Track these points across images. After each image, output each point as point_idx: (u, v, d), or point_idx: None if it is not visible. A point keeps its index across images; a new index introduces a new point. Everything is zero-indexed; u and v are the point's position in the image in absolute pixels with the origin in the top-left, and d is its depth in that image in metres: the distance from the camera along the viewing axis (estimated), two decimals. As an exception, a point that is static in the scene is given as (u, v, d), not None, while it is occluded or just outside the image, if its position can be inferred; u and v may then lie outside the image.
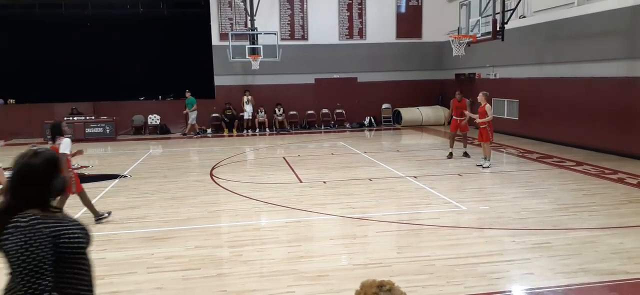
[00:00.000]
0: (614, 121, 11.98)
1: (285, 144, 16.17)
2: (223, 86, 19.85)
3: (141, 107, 19.93)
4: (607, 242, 5.89)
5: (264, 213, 7.78)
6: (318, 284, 4.89)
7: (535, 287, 4.78)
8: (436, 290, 4.71)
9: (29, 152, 2.20)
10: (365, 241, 6.26)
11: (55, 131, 6.84)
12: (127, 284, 4.95)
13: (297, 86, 20.28)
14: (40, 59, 19.77)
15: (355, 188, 9.16)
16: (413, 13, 20.74)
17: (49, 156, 2.22)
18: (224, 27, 19.52)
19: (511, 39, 14.58)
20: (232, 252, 5.91)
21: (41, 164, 2.17)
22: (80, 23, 19.68)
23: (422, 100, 20.88)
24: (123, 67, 20.43)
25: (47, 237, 2.04)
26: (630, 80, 11.50)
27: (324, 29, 20.07)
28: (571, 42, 13.35)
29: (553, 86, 14.17)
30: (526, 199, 8.00)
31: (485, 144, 10.79)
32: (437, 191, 8.74)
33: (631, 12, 11.38)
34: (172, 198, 8.69)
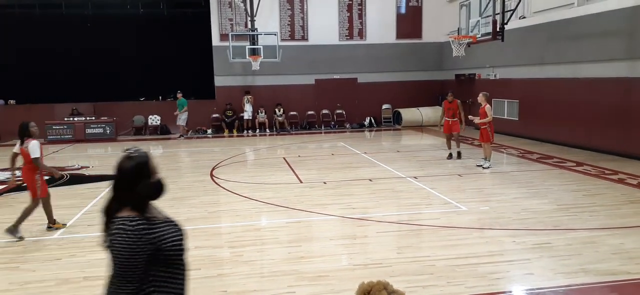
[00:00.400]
0: (614, 122, 11.98)
1: (286, 145, 16.18)
2: (223, 87, 19.86)
3: (141, 108, 19.93)
4: (607, 242, 5.89)
5: (264, 213, 7.78)
6: (318, 285, 4.89)
7: (536, 287, 4.78)
8: (437, 290, 4.71)
9: (125, 154, 2.28)
10: (366, 241, 6.26)
11: (23, 133, 6.67)
12: (128, 285, 4.94)
13: (297, 87, 20.28)
14: (40, 59, 19.75)
15: (355, 188, 9.16)
16: (413, 14, 20.74)
17: (139, 160, 2.26)
18: (224, 27, 19.53)
19: (511, 40, 14.58)
20: (233, 252, 5.91)
21: (131, 167, 2.23)
22: (80, 23, 19.68)
23: (422, 100, 20.88)
24: (123, 67, 20.44)
25: (148, 243, 2.14)
26: (630, 81, 11.50)
27: (324, 30, 20.07)
28: (571, 43, 13.35)
29: (553, 87, 14.17)
30: (526, 200, 8.00)
31: (486, 144, 10.79)
32: (437, 191, 8.74)
33: (631, 12, 11.39)
34: (172, 198, 8.67)
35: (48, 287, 4.95)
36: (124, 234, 2.12)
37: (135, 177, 2.22)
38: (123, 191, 2.22)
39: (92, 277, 5.15)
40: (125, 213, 2.18)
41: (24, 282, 5.07)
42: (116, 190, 2.24)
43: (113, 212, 2.22)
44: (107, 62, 20.21)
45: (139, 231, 2.12)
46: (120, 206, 2.21)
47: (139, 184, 2.22)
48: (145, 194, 2.24)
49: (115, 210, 2.21)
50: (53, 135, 17.76)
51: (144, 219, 2.18)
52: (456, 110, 11.79)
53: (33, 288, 4.94)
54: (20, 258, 5.79)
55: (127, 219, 2.15)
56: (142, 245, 2.12)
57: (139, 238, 2.11)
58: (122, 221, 2.15)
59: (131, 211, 2.19)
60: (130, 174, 2.22)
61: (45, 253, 5.93)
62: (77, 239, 6.47)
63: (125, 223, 2.14)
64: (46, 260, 5.69)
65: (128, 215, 2.17)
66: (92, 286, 4.92)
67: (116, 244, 2.12)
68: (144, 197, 2.23)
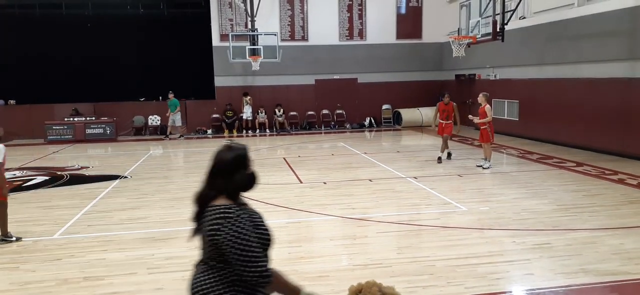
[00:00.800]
0: (614, 122, 11.98)
1: (286, 145, 16.18)
2: (223, 87, 19.86)
3: (141, 108, 19.94)
4: (607, 242, 5.89)
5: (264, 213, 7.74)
6: (318, 285, 4.88)
7: (536, 287, 4.78)
8: (436, 290, 4.71)
9: (224, 146, 2.39)
10: (366, 242, 6.26)
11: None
12: (128, 285, 4.95)
13: (298, 87, 20.28)
14: (40, 59, 19.74)
15: (355, 189, 9.16)
16: (413, 14, 20.75)
17: (239, 152, 2.36)
18: (224, 27, 19.53)
19: (511, 40, 14.59)
20: (233, 252, 5.90)
21: (230, 158, 2.33)
22: (80, 23, 19.68)
23: (422, 101, 20.87)
24: (123, 67, 20.41)
25: (251, 224, 2.25)
26: (630, 81, 11.50)
27: (324, 30, 20.07)
28: (571, 43, 13.35)
29: (553, 87, 14.17)
30: (526, 200, 8.00)
31: (486, 144, 10.79)
32: (437, 192, 8.74)
33: (631, 12, 11.39)
34: (173, 199, 8.69)
35: (48, 287, 4.95)
36: (227, 221, 2.18)
37: (233, 167, 2.32)
38: (221, 180, 2.30)
39: (91, 277, 5.15)
40: (221, 201, 2.26)
41: (24, 282, 5.07)
42: (213, 179, 2.32)
43: (208, 200, 2.29)
44: (107, 63, 20.19)
45: (239, 216, 2.21)
46: (215, 195, 2.28)
47: (237, 174, 2.31)
48: (242, 184, 2.34)
49: (211, 199, 2.28)
50: (53, 135, 17.77)
51: (240, 206, 2.28)
52: (451, 113, 11.59)
53: (33, 288, 4.94)
54: (20, 258, 5.79)
55: (227, 207, 2.23)
56: (246, 227, 2.20)
57: (243, 223, 2.20)
58: (221, 210, 2.22)
59: (227, 200, 2.27)
60: (229, 164, 2.32)
61: (45, 253, 5.93)
62: (77, 239, 6.47)
63: (226, 211, 2.21)
64: (46, 260, 5.69)
65: (225, 203, 2.25)
66: (92, 286, 4.92)
67: (223, 234, 2.17)
68: (239, 187, 2.33)
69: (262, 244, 2.28)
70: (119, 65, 20.33)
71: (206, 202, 2.29)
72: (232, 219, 2.19)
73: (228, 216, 2.19)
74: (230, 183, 2.30)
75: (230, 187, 2.30)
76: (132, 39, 20.28)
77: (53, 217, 7.56)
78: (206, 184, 2.35)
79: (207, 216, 2.24)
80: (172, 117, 18.28)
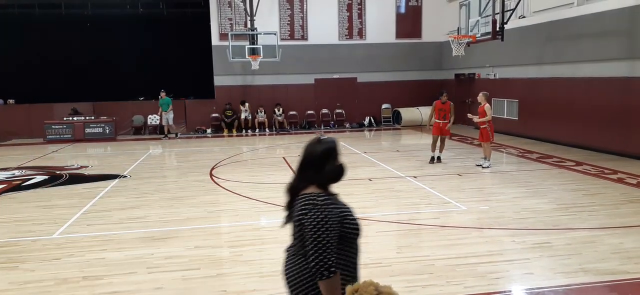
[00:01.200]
0: (614, 121, 11.99)
1: (285, 144, 16.17)
2: (223, 86, 19.85)
3: (141, 108, 19.93)
4: (607, 242, 5.89)
5: (263, 213, 7.77)
6: (318, 284, 4.88)
7: (535, 287, 4.78)
8: (436, 290, 4.70)
9: (315, 139, 2.49)
10: (365, 241, 6.18)
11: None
12: (127, 284, 4.95)
13: (297, 86, 20.28)
14: (40, 59, 19.74)
15: (354, 188, 9.14)
16: (413, 13, 20.74)
17: (328, 145, 2.44)
18: (223, 27, 19.52)
19: (511, 39, 14.58)
20: (232, 252, 5.91)
21: (321, 150, 2.41)
22: (79, 23, 19.67)
23: (421, 100, 20.84)
24: (123, 67, 20.42)
25: (337, 217, 2.30)
26: (629, 81, 11.50)
27: (324, 29, 20.07)
28: (571, 42, 13.35)
29: (553, 86, 14.17)
30: (526, 199, 8.00)
31: (486, 144, 10.79)
32: (436, 191, 8.74)
33: (631, 12, 11.39)
34: (172, 198, 8.69)
35: (47, 286, 4.94)
36: (315, 207, 2.27)
37: (323, 159, 2.40)
38: (311, 171, 2.39)
39: (90, 276, 5.15)
40: (311, 190, 2.36)
41: (23, 282, 5.06)
42: (304, 170, 2.42)
43: (299, 190, 2.40)
44: (107, 62, 20.21)
45: (327, 205, 2.28)
46: (306, 185, 2.38)
47: (327, 166, 2.40)
48: (331, 175, 2.42)
49: (301, 189, 2.39)
50: (52, 134, 17.77)
51: (329, 195, 2.36)
52: (448, 112, 11.26)
53: (32, 288, 4.93)
54: (19, 258, 5.79)
55: (314, 195, 2.32)
56: (332, 217, 2.26)
57: (330, 211, 2.27)
58: (310, 196, 2.32)
59: (317, 189, 2.36)
60: (319, 156, 2.40)
61: (44, 253, 5.93)
62: (76, 238, 6.47)
63: (314, 198, 2.30)
64: (45, 260, 5.69)
65: (314, 191, 2.35)
66: (91, 286, 4.92)
67: (308, 218, 2.26)
68: (329, 178, 2.41)
69: (347, 237, 2.34)
70: (118, 65, 20.34)
71: (297, 192, 2.41)
72: (319, 207, 2.27)
73: (316, 203, 2.28)
74: (321, 174, 2.39)
75: (321, 178, 2.39)
76: (131, 39, 20.27)
77: (52, 216, 7.56)
78: (297, 175, 2.45)
79: (297, 204, 2.36)
80: (165, 116, 18.22)
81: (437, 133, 11.41)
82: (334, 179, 2.44)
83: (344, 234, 2.32)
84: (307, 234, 2.26)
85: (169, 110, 18.22)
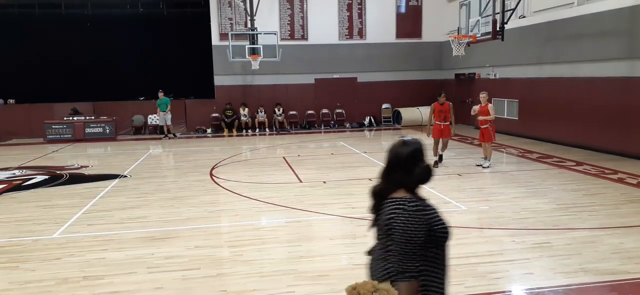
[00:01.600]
0: (614, 121, 11.99)
1: (285, 144, 16.18)
2: (223, 86, 19.86)
3: (141, 107, 19.93)
4: (607, 242, 5.89)
5: (264, 213, 7.77)
6: (318, 284, 4.89)
7: (535, 286, 4.78)
8: (436, 290, 4.70)
9: (399, 141, 2.48)
10: (366, 241, 6.23)
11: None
12: (127, 284, 4.95)
13: (297, 86, 20.28)
14: (40, 59, 19.76)
15: (355, 188, 9.15)
16: (413, 13, 20.74)
17: (414, 147, 2.44)
18: (223, 27, 19.52)
19: (511, 39, 14.58)
20: (232, 252, 5.91)
21: (407, 152, 2.42)
22: (80, 22, 19.67)
23: (422, 100, 20.85)
24: (123, 67, 20.44)
25: (425, 224, 2.30)
26: (629, 80, 11.51)
27: (324, 29, 20.07)
28: (571, 42, 13.35)
29: (553, 86, 14.17)
30: (526, 199, 8.00)
31: (487, 143, 10.77)
32: (436, 191, 8.73)
33: (631, 12, 11.39)
34: (172, 198, 8.69)
35: (47, 286, 4.95)
36: (405, 213, 2.28)
37: (411, 160, 2.40)
38: (399, 174, 2.39)
39: (91, 276, 5.15)
40: (399, 194, 2.35)
41: (23, 282, 5.07)
42: (391, 173, 2.42)
43: (386, 193, 2.39)
44: (107, 62, 20.23)
45: (418, 210, 2.29)
46: (394, 188, 2.38)
47: (414, 167, 2.39)
48: (419, 177, 2.40)
49: (389, 192, 2.39)
50: (52, 134, 17.77)
51: (419, 200, 2.35)
52: (447, 113, 10.94)
53: (32, 287, 4.94)
54: (20, 257, 5.79)
55: (404, 200, 2.32)
56: (420, 224, 2.27)
57: (418, 217, 2.28)
58: (400, 201, 2.32)
59: (405, 193, 2.36)
60: (407, 157, 2.41)
61: (44, 253, 5.93)
62: (76, 238, 6.47)
63: (404, 203, 2.31)
64: (45, 259, 5.69)
65: (403, 196, 2.34)
66: (92, 286, 4.92)
67: (397, 222, 2.27)
68: (417, 180, 2.40)
69: (436, 240, 2.35)
70: (119, 65, 20.36)
71: (384, 195, 2.40)
72: (408, 212, 2.28)
73: (405, 208, 2.29)
74: (409, 176, 2.38)
75: (409, 180, 2.39)
76: (131, 39, 20.29)
77: (52, 216, 7.56)
78: (384, 178, 2.44)
79: (386, 207, 2.35)
80: (164, 116, 18.21)
81: (438, 136, 11.08)
82: (422, 180, 2.42)
83: (433, 238, 2.33)
84: (394, 236, 2.28)
85: (167, 110, 18.21)
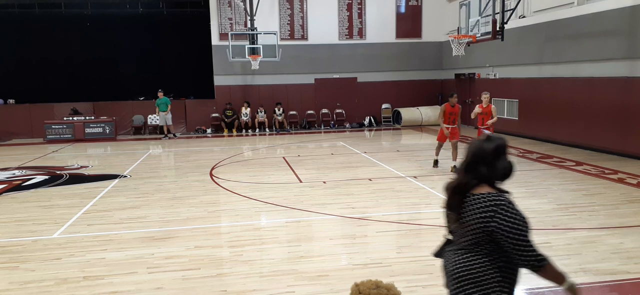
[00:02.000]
0: (614, 121, 11.99)
1: (285, 144, 16.18)
2: (223, 86, 19.86)
3: (141, 107, 19.93)
4: (607, 242, 5.89)
5: (263, 213, 7.78)
6: (318, 284, 4.89)
7: (535, 286, 4.77)
8: (436, 290, 4.70)
9: (483, 136, 2.50)
10: (365, 241, 6.26)
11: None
12: (127, 284, 4.95)
13: (297, 86, 20.28)
14: (40, 58, 19.76)
15: (355, 188, 9.15)
16: (413, 13, 20.74)
17: (499, 143, 2.44)
18: (223, 27, 19.52)
19: (511, 39, 14.59)
20: (232, 252, 5.91)
21: (492, 148, 2.41)
22: (79, 22, 19.67)
23: (422, 100, 20.89)
24: (123, 67, 20.45)
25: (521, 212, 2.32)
26: (630, 80, 11.51)
27: (324, 29, 20.07)
28: (571, 42, 13.35)
29: (553, 86, 14.18)
30: (526, 199, 8.00)
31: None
32: (437, 191, 8.74)
33: (631, 12, 11.39)
34: (172, 198, 8.69)
35: (47, 286, 4.95)
36: (500, 208, 2.28)
37: (495, 156, 2.40)
38: (483, 169, 2.39)
39: (91, 276, 5.15)
40: (483, 190, 2.36)
41: (23, 282, 5.07)
42: (474, 168, 2.42)
43: (468, 189, 2.40)
44: (107, 62, 20.24)
45: (512, 204, 2.31)
46: (476, 184, 2.39)
47: (498, 163, 2.39)
48: (503, 172, 2.41)
49: (470, 187, 2.39)
50: (52, 134, 17.77)
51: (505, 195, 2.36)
52: (457, 116, 10.50)
53: (32, 287, 4.94)
54: (20, 258, 5.79)
55: (497, 195, 2.33)
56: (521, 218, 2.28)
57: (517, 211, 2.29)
58: (491, 197, 2.32)
59: (489, 188, 2.37)
60: (490, 153, 2.40)
61: (44, 253, 5.93)
62: (76, 238, 6.47)
63: (496, 198, 2.31)
64: (45, 259, 5.69)
65: (489, 191, 2.35)
66: (92, 286, 4.92)
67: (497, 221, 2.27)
68: (501, 175, 2.41)
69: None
70: (119, 65, 20.38)
71: (466, 191, 2.40)
72: (505, 207, 2.28)
73: (500, 204, 2.29)
74: (493, 172, 2.39)
75: (493, 175, 2.39)
76: (131, 38, 20.29)
77: (52, 216, 7.56)
78: (466, 173, 2.44)
79: (474, 205, 2.34)
80: (164, 116, 18.22)
81: (443, 140, 10.57)
82: (505, 176, 2.42)
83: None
84: (503, 238, 2.27)
85: (168, 110, 18.22)
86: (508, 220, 2.26)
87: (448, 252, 2.53)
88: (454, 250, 2.47)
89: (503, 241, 2.28)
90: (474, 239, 2.36)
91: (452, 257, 2.47)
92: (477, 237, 2.34)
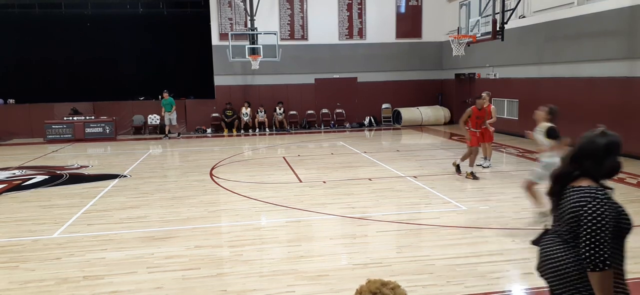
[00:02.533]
0: (614, 121, 11.95)
1: (285, 144, 16.18)
2: (223, 86, 19.87)
3: (141, 107, 19.93)
4: (607, 241, 5.88)
5: (263, 213, 7.78)
6: (318, 284, 4.89)
7: (535, 286, 4.77)
8: (436, 290, 4.71)
9: (597, 130, 2.46)
10: (365, 241, 6.26)
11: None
12: (127, 284, 4.95)
13: (297, 86, 20.29)
14: (40, 58, 19.76)
15: (355, 188, 9.16)
16: (413, 13, 20.74)
17: (612, 139, 2.41)
18: (223, 27, 19.52)
19: (511, 39, 14.59)
20: (232, 251, 5.91)
21: (603, 143, 2.39)
22: (80, 22, 19.68)
23: (422, 100, 20.90)
24: (123, 67, 20.45)
25: (615, 212, 2.31)
26: (629, 80, 11.51)
27: (324, 29, 20.07)
28: (571, 42, 13.35)
29: (553, 86, 14.18)
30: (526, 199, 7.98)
31: (487, 143, 10.75)
32: (437, 191, 8.74)
33: (630, 12, 11.39)
34: (172, 198, 8.69)
35: (47, 286, 4.95)
36: (594, 200, 2.28)
37: (606, 152, 2.37)
38: (589, 162, 2.38)
39: (91, 276, 5.15)
40: (585, 183, 2.36)
41: (23, 282, 5.07)
42: (580, 160, 2.41)
43: (570, 179, 2.41)
44: (107, 62, 20.24)
45: (608, 199, 2.29)
46: (579, 175, 2.39)
47: (607, 159, 2.37)
48: (609, 170, 2.39)
49: (573, 178, 2.40)
50: (52, 134, 17.77)
51: (607, 190, 2.35)
52: (484, 119, 10.05)
53: (32, 287, 4.94)
54: (20, 257, 5.79)
55: (597, 188, 2.33)
56: (610, 213, 2.27)
57: (609, 207, 2.28)
58: (589, 190, 2.32)
59: (591, 182, 2.36)
60: (602, 148, 2.38)
61: (44, 252, 5.93)
62: (76, 238, 6.47)
63: (595, 191, 2.31)
64: (45, 259, 5.69)
65: (590, 184, 2.35)
66: (92, 285, 4.92)
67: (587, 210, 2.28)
68: (606, 172, 2.39)
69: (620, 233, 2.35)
70: (119, 64, 20.37)
71: (568, 181, 2.41)
72: (600, 200, 2.28)
73: (597, 197, 2.29)
74: (598, 168, 2.37)
75: (598, 171, 2.37)
76: (131, 38, 20.30)
77: (52, 216, 7.56)
78: (570, 163, 2.44)
79: (573, 194, 2.36)
80: (168, 116, 18.25)
81: (477, 144, 9.93)
82: (610, 174, 2.40)
83: (618, 229, 2.33)
84: (584, 225, 2.27)
85: (173, 111, 18.26)
86: (596, 213, 2.26)
87: (545, 238, 2.57)
88: (550, 237, 2.51)
89: (582, 231, 2.28)
90: (566, 228, 2.38)
91: (548, 243, 2.51)
92: (571, 227, 2.36)
